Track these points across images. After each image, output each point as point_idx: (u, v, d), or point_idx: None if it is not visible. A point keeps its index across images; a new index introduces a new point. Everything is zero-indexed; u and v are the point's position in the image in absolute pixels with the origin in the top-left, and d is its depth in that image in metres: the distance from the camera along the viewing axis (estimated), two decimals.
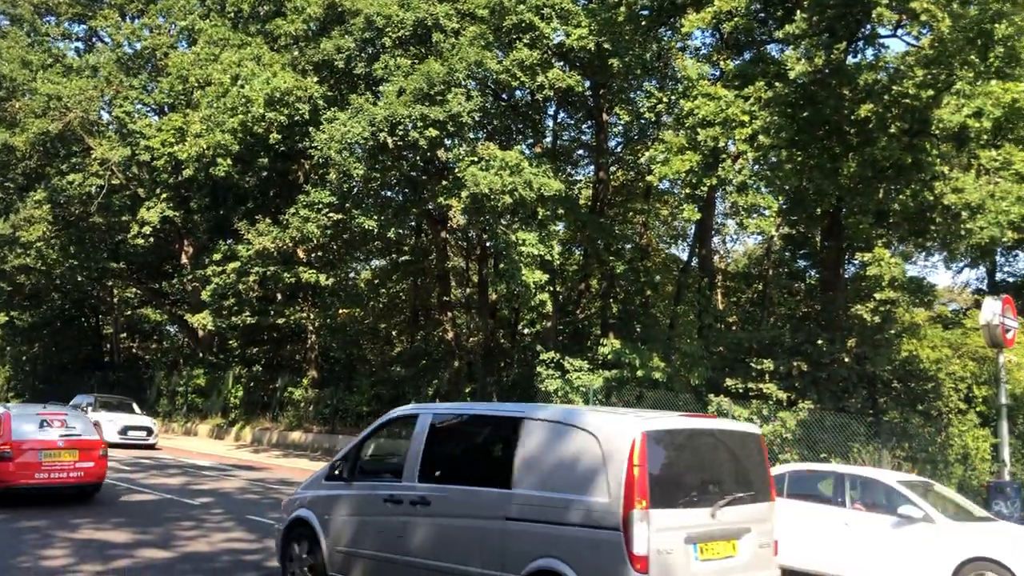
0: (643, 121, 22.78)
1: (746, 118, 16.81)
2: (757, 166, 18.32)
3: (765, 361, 18.88)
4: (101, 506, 14.35)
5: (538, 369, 22.77)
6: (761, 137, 16.64)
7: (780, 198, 18.60)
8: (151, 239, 30.04)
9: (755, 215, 19.26)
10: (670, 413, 8.40)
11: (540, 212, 20.66)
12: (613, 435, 6.77)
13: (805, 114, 17.07)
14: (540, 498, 6.96)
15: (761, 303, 26.67)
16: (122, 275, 36.55)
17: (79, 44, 33.94)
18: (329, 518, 8.54)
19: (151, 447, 26.42)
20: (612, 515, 6.50)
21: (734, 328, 25.14)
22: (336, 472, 8.71)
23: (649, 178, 20.09)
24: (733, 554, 7.05)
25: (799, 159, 17.44)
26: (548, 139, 26.80)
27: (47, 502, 13.85)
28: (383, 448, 9.54)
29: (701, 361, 20.49)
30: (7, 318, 43.49)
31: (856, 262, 20.32)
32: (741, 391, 18.90)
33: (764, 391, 18.53)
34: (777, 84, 17.03)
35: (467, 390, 27.14)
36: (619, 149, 27.86)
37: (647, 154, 20.32)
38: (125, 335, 46.79)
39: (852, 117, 16.88)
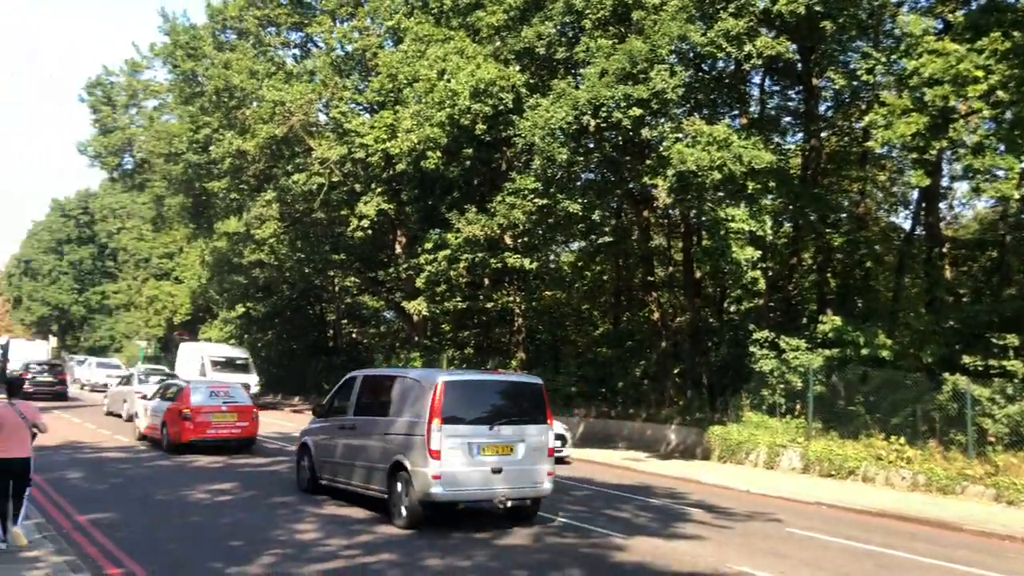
0: (857, 84, 21.43)
1: (980, 73, 15.43)
2: (994, 124, 16.74)
3: (1008, 336, 17.33)
4: None
5: (751, 349, 22.10)
6: (1000, 92, 15.22)
7: (1022, 157, 16.91)
8: (368, 231, 31.69)
9: (992, 178, 17.63)
10: (474, 371, 18.87)
11: (750, 186, 19.95)
12: (427, 383, 11.64)
13: None
14: (399, 421, 11.94)
15: (997, 271, 24.42)
16: (342, 266, 38.87)
17: (296, 51, 36.24)
18: (314, 440, 14.22)
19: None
20: (423, 426, 11.31)
21: (965, 300, 23.23)
22: (318, 413, 14.54)
23: (870, 144, 18.93)
24: (510, 454, 11.71)
25: None
26: (754, 109, 25.81)
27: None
28: (341, 396, 13.91)
29: (932, 337, 19.13)
30: (244, 309, 47.53)
31: None
32: (981, 369, 17.47)
33: (1008, 368, 17.01)
34: (1015, 33, 15.48)
35: (675, 371, 26.78)
36: (831, 115, 26.36)
37: (866, 119, 19.09)
38: (346, 321, 49.78)
39: None
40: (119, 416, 27.68)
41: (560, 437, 19.16)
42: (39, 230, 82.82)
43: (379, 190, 30.71)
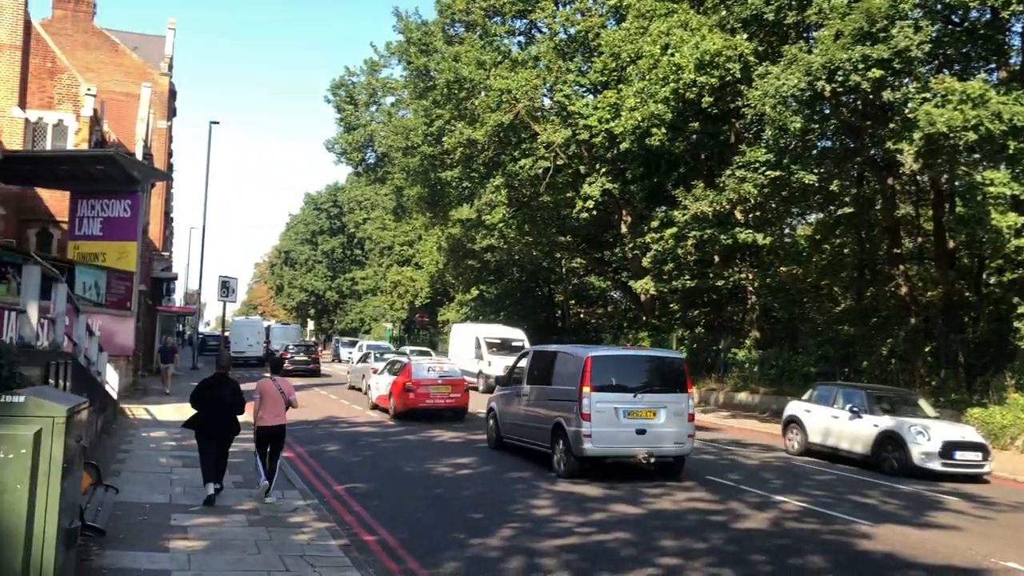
0: None
1: None
2: None
3: None
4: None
5: (1015, 324, 20.06)
6: None
7: None
8: (593, 212, 31.88)
9: None
10: (622, 347, 22.59)
11: (1011, 145, 18.02)
12: (581, 357, 13.67)
13: None
14: (558, 389, 14.18)
15: None
16: (569, 247, 39.41)
17: (521, 38, 36.99)
18: (499, 405, 16.68)
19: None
20: (576, 393, 13.36)
21: None
22: (501, 382, 17.36)
23: None
24: (653, 419, 13.45)
25: None
26: (1015, 60, 23.24)
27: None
28: (518, 369, 16.29)
29: None
30: (478, 292, 49.53)
31: None
32: None
33: None
34: None
35: (927, 349, 24.83)
36: None
37: None
38: (574, 302, 50.51)
39: None
40: (359, 390, 30.19)
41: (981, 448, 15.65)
42: (296, 223, 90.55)
43: (603, 170, 30.79)
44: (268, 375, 11.40)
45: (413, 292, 63.34)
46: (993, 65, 22.45)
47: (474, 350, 35.05)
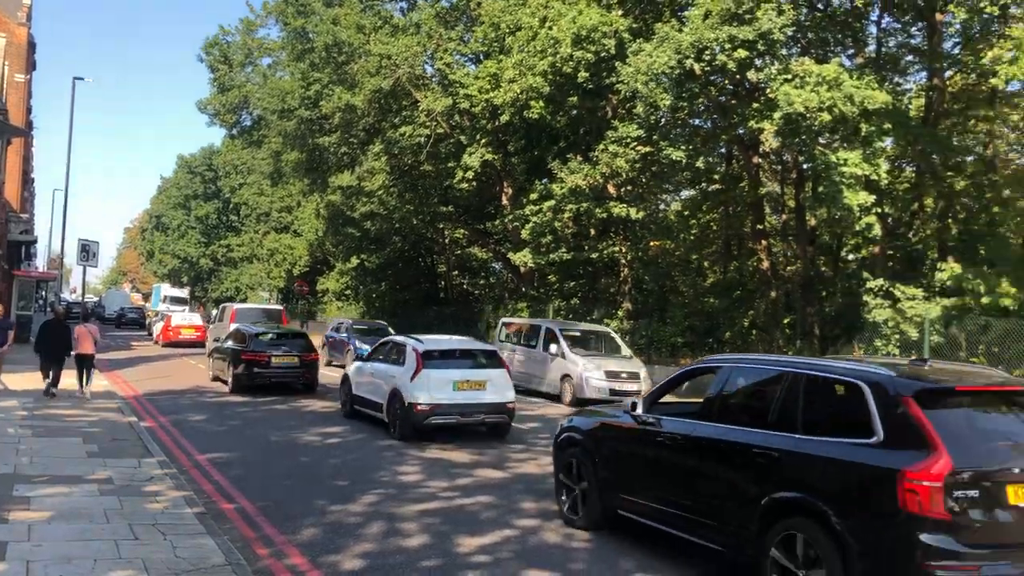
0: (985, 16, 20.06)
1: None
2: None
3: None
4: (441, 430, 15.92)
5: (864, 298, 21.34)
6: None
7: None
8: (474, 183, 31.94)
9: None
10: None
11: (863, 128, 19.08)
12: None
13: None
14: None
15: None
16: (451, 218, 39.39)
17: (403, 3, 36.54)
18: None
19: None
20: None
21: None
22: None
23: (993, 80, 17.73)
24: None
25: None
26: (871, 47, 24.54)
27: None
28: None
29: None
30: (358, 260, 48.91)
31: None
32: None
33: None
34: None
35: (785, 321, 26.13)
36: (956, 51, 24.79)
37: (990, 54, 17.91)
38: (456, 273, 50.55)
39: None
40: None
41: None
42: (168, 187, 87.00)
43: (484, 141, 30.85)
44: (83, 323, 18.58)
45: (291, 260, 61.94)
46: (852, 51, 23.65)
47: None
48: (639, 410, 8.16)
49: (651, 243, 32.37)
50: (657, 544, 8.08)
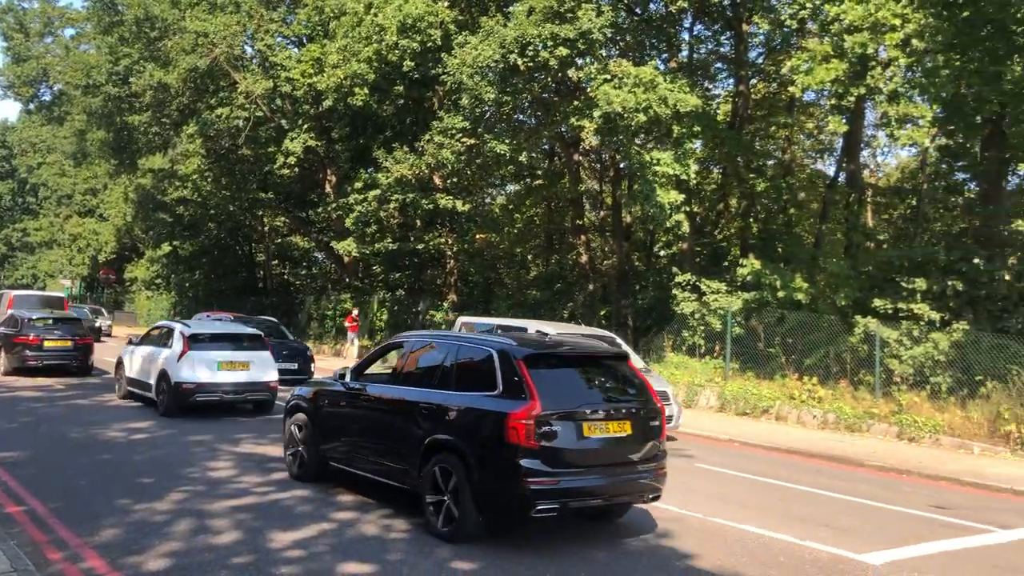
0: (786, 29, 21.63)
1: (897, 21, 15.67)
2: (910, 73, 17.09)
3: (917, 280, 17.96)
4: (262, 424, 15.38)
5: (674, 292, 22.49)
6: (915, 41, 15.51)
7: (935, 106, 17.32)
8: (295, 169, 31.09)
9: (908, 125, 18.05)
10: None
11: (675, 130, 20.09)
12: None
13: (965, 13, 15.70)
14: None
15: (914, 219, 25.20)
16: (271, 205, 38.17)
17: None
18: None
19: None
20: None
21: (885, 246, 23.94)
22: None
23: (791, 89, 19.13)
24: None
25: (957, 64, 16.12)
26: (684, 53, 25.86)
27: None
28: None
29: (848, 281, 19.70)
30: (170, 247, 46.47)
31: (1020, 173, 18.84)
32: (890, 312, 18.09)
33: (915, 312, 17.66)
34: None
35: (602, 312, 27.14)
36: (760, 61, 26.59)
37: (788, 64, 19.31)
38: (276, 262, 49.10)
39: (1019, 15, 15.42)
40: None
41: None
42: None
43: (307, 127, 30.09)
44: None
45: (96, 246, 58.06)
46: (666, 56, 24.83)
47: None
48: (348, 378, 9.93)
49: (477, 236, 32.72)
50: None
